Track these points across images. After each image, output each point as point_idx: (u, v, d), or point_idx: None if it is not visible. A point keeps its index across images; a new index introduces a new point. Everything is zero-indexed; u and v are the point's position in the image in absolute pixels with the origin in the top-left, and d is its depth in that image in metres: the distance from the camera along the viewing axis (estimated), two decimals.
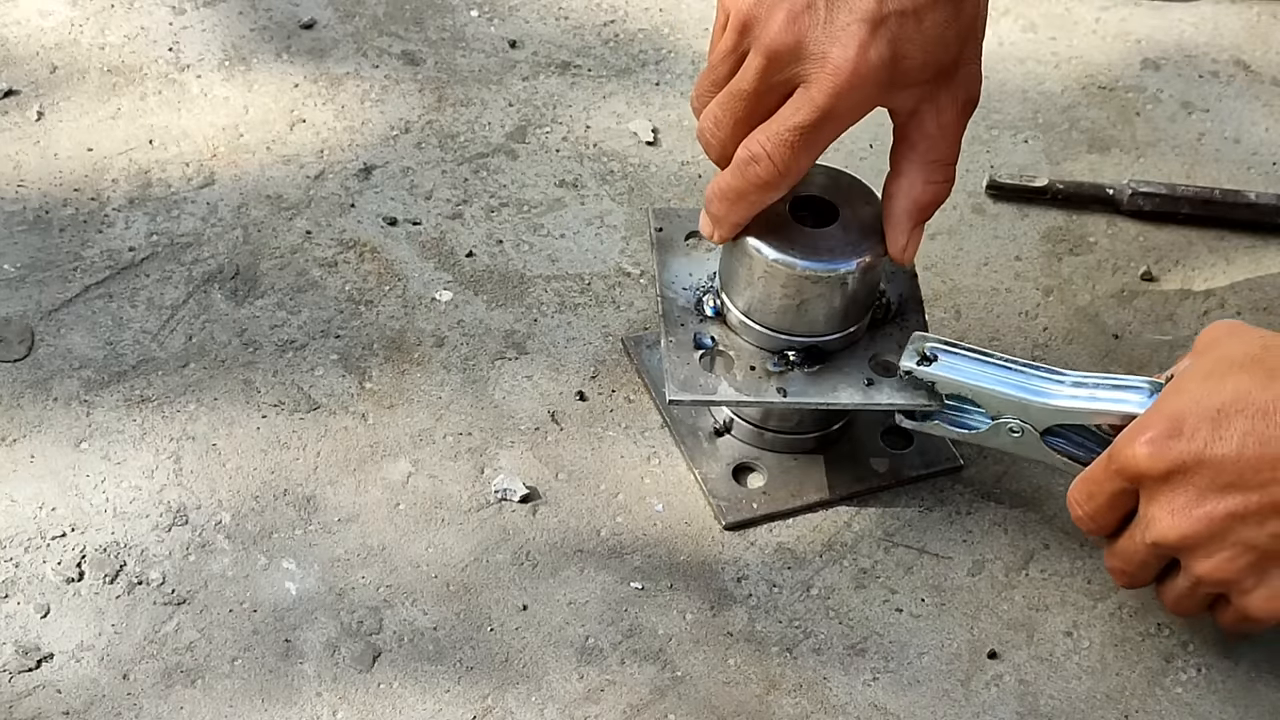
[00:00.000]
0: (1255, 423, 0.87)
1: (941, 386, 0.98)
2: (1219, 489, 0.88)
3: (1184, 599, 0.94)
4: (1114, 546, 0.95)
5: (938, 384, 0.98)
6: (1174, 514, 0.90)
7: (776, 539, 1.03)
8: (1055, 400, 0.96)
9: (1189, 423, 0.88)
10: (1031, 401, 0.96)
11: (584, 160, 1.21)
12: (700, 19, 1.31)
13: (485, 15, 1.30)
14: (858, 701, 0.96)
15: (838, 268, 0.97)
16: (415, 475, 1.03)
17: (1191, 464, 0.88)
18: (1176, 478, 0.89)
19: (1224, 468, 0.87)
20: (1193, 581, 0.92)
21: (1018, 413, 0.97)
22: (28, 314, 1.09)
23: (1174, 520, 0.90)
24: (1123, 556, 0.94)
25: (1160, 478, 0.89)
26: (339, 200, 1.17)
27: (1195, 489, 0.89)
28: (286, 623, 0.96)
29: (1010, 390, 0.97)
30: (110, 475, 1.01)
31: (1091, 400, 0.95)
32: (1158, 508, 0.90)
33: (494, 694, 0.95)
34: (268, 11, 1.28)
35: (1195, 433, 0.88)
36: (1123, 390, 0.95)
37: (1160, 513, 0.90)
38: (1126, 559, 0.94)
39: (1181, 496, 0.89)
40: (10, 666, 0.93)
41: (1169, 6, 1.35)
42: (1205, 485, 0.88)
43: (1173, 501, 0.89)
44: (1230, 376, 0.89)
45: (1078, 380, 0.96)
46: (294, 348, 1.08)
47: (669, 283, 1.02)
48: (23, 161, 1.17)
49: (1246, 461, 0.87)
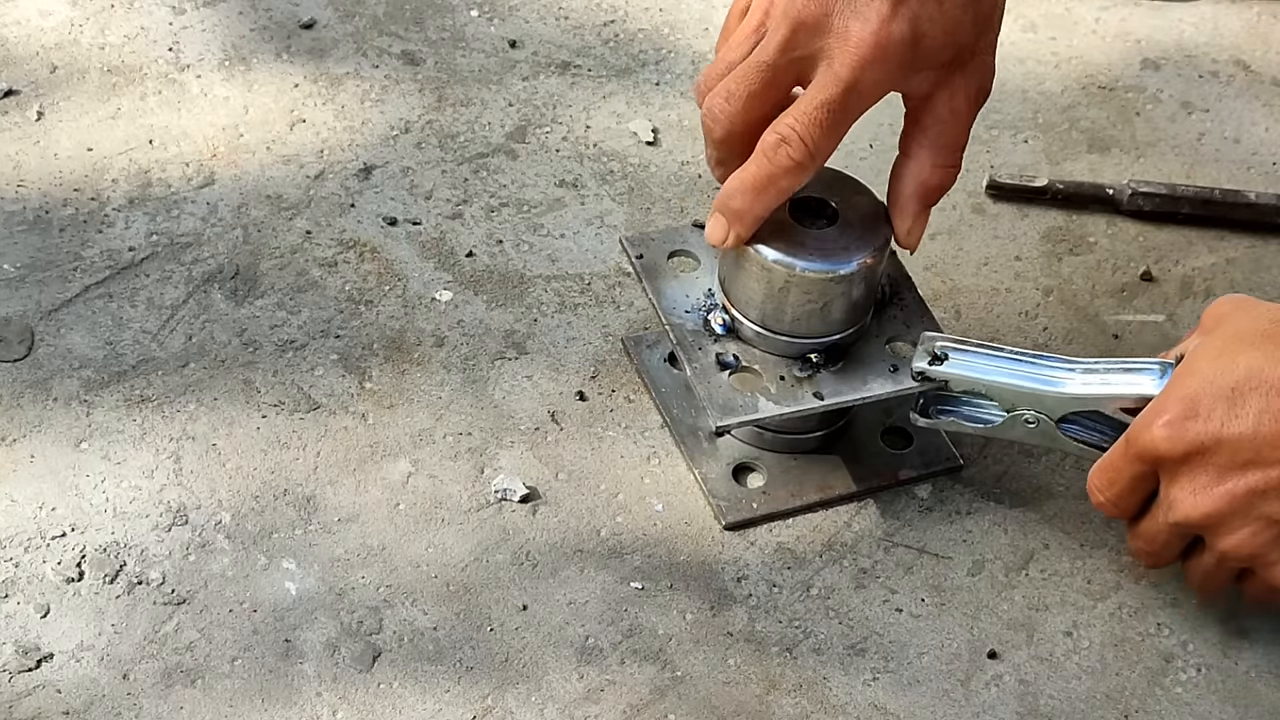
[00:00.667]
0: (1270, 399, 0.88)
1: (955, 384, 0.98)
2: (1238, 466, 0.89)
3: (1210, 576, 0.95)
4: (1137, 529, 0.96)
5: (951, 382, 0.98)
6: (1195, 494, 0.90)
7: (776, 539, 1.03)
8: (1068, 388, 0.97)
9: (1204, 403, 0.89)
10: (1045, 392, 0.97)
11: (584, 160, 1.21)
12: (700, 19, 1.31)
13: (485, 15, 1.30)
14: (858, 701, 0.96)
15: (854, 263, 0.97)
16: (415, 475, 1.03)
17: (1210, 444, 0.89)
18: (1195, 458, 0.90)
19: (1241, 445, 0.88)
20: (1218, 558, 0.93)
21: (1032, 404, 0.98)
22: (28, 314, 1.09)
23: (1196, 500, 0.91)
24: (1146, 538, 0.95)
25: (1179, 459, 0.90)
26: (339, 200, 1.17)
27: (1215, 468, 0.90)
28: (286, 623, 0.96)
29: (1023, 382, 0.97)
30: (110, 475, 1.01)
31: (1104, 385, 0.96)
32: (1179, 489, 0.91)
33: (494, 694, 0.95)
34: (268, 11, 1.28)
35: (1211, 413, 0.89)
36: (1134, 373, 0.96)
37: (1182, 493, 0.91)
38: (1150, 540, 0.95)
39: (1202, 476, 0.90)
40: (10, 666, 0.93)
41: (1169, 6, 1.35)
42: (1224, 464, 0.89)
43: (1193, 481, 0.90)
44: (1242, 354, 0.89)
45: (1088, 367, 0.97)
46: (294, 348, 1.08)
47: (670, 309, 1.01)
48: (23, 161, 1.17)
49: (1263, 438, 0.88)
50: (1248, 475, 0.89)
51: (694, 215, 1.17)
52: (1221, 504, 0.90)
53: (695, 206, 1.18)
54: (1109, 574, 1.03)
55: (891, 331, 1.02)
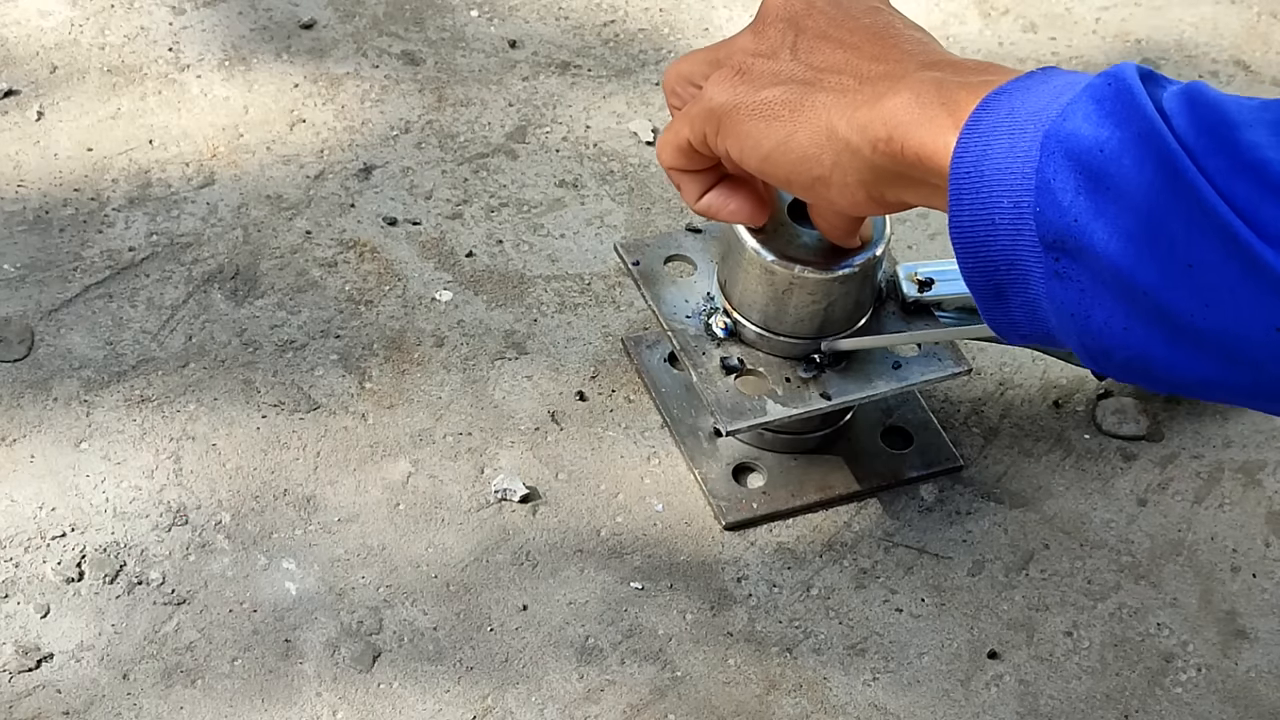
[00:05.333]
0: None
1: (948, 305, 1.00)
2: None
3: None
4: None
5: (944, 303, 1.00)
6: None
7: (776, 539, 1.03)
8: None
9: None
10: None
11: (584, 160, 1.21)
12: (700, 19, 1.31)
13: (485, 15, 1.30)
14: (858, 701, 0.96)
15: (856, 262, 0.97)
16: (415, 475, 1.03)
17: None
18: None
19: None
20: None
21: None
22: (28, 314, 1.09)
23: None
24: None
25: None
26: (339, 200, 1.17)
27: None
28: (286, 623, 0.96)
29: None
30: (110, 475, 1.01)
31: None
32: None
33: (494, 694, 0.95)
34: (268, 11, 1.28)
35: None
36: None
37: None
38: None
39: None
40: (10, 666, 0.93)
41: (1169, 6, 1.35)
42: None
43: None
44: None
45: None
46: (294, 348, 1.09)
47: (671, 315, 1.01)
48: (23, 161, 1.17)
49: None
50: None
51: (694, 216, 1.17)
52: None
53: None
54: (1109, 574, 1.03)
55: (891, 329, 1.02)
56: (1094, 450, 1.08)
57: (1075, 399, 1.11)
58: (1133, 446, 1.09)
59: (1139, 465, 1.08)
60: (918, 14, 1.30)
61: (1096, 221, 0.68)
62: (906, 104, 0.75)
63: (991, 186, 0.71)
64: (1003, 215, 0.71)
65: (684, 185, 0.92)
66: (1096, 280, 0.69)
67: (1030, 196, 0.70)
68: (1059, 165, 0.68)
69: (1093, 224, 0.68)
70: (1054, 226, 0.69)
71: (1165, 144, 0.67)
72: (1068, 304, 0.71)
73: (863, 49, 0.83)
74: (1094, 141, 0.68)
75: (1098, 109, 0.69)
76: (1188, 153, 0.66)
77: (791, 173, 0.82)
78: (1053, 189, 0.69)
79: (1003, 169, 0.71)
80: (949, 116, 0.74)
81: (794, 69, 0.84)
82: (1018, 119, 0.71)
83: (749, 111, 0.83)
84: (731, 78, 0.85)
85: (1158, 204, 0.67)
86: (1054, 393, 1.11)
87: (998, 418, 1.09)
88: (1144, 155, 0.67)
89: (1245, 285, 0.66)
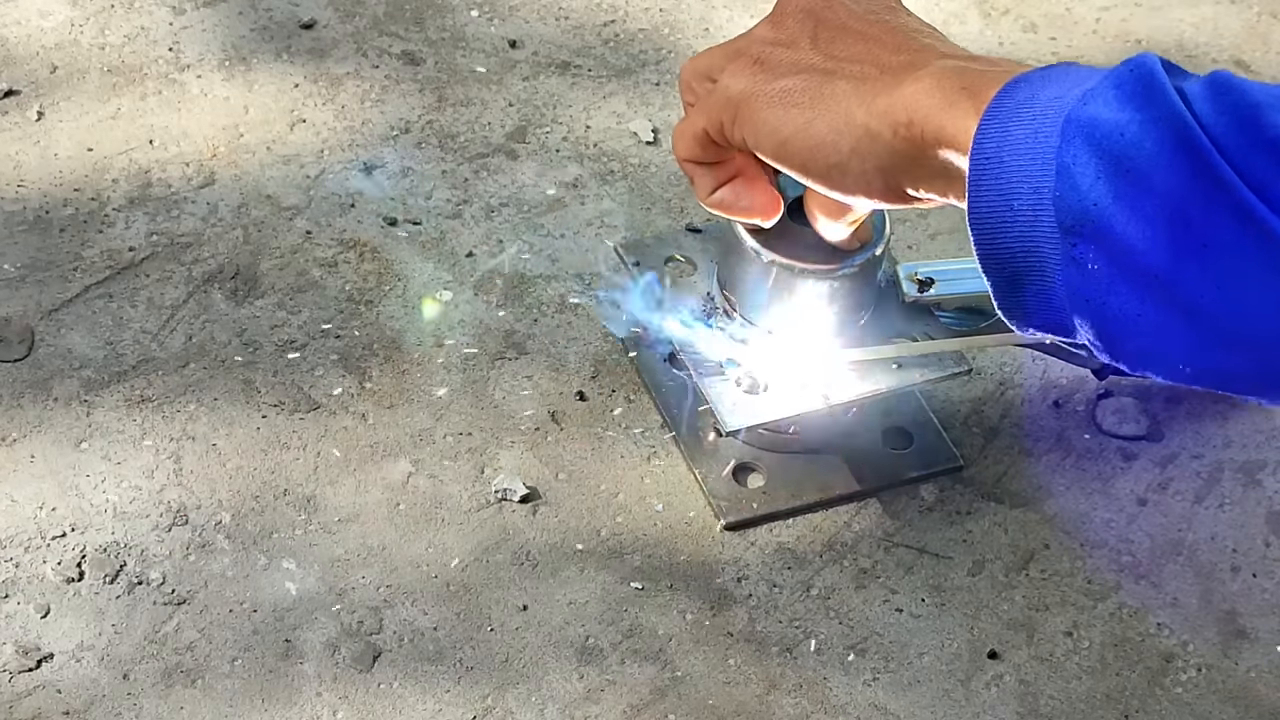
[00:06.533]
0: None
1: (948, 304, 1.00)
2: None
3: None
4: None
5: (943, 303, 1.00)
6: None
7: (776, 539, 1.03)
8: None
9: None
10: None
11: (584, 160, 1.21)
12: (700, 19, 1.31)
13: (485, 15, 1.30)
14: (858, 701, 0.96)
15: (857, 261, 0.97)
16: (415, 475, 1.03)
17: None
18: None
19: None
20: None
21: None
22: (28, 314, 1.09)
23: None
24: None
25: None
26: (339, 200, 1.17)
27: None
28: (286, 623, 0.96)
29: None
30: (110, 475, 1.01)
31: None
32: None
33: (494, 694, 0.95)
34: (268, 11, 1.28)
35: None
36: None
37: None
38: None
39: None
40: (10, 666, 0.93)
41: (1169, 6, 1.35)
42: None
43: None
44: None
45: None
46: (294, 348, 1.08)
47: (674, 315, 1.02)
48: (23, 161, 1.17)
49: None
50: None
51: (694, 216, 1.17)
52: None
53: (695, 207, 1.18)
54: (1109, 574, 1.03)
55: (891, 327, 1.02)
56: (1094, 450, 1.08)
57: (1075, 399, 1.11)
58: (1133, 446, 1.09)
59: (1139, 465, 1.08)
60: (917, 14, 1.30)
61: (1115, 205, 0.68)
62: (929, 89, 0.75)
63: (1011, 172, 0.71)
64: (1022, 201, 0.71)
65: (697, 178, 0.91)
66: (1113, 264, 0.69)
67: (1050, 181, 0.70)
68: (1079, 149, 0.68)
69: (1111, 207, 0.68)
70: (1073, 211, 0.69)
71: (1186, 125, 0.67)
72: (1084, 290, 0.70)
73: (884, 40, 0.83)
74: (1115, 125, 0.68)
75: (1118, 93, 0.68)
76: (1207, 134, 0.66)
77: (809, 159, 0.82)
78: (1072, 173, 0.69)
79: (1023, 154, 0.71)
80: (970, 101, 0.74)
81: (814, 58, 0.83)
82: (1039, 105, 0.71)
83: (767, 99, 0.83)
84: (750, 66, 0.85)
85: (1177, 185, 0.67)
86: (1054, 393, 1.11)
87: (998, 418, 1.09)
88: (1164, 137, 0.67)
89: (1258, 262, 0.66)
